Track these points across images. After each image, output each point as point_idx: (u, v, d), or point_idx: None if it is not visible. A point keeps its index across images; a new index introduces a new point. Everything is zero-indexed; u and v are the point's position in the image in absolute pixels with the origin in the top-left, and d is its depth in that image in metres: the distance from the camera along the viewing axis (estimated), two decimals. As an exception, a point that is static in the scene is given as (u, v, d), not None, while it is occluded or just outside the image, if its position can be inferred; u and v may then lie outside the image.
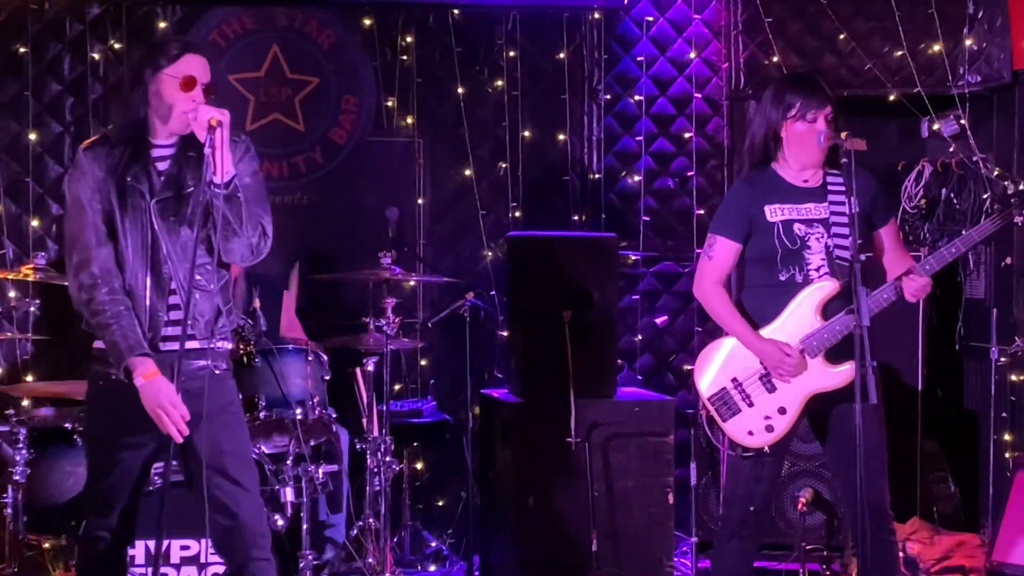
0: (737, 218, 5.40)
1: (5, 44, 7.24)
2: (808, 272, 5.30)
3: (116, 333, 4.65)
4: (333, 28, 7.57)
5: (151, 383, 4.61)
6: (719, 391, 5.45)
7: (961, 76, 7.75)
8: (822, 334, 5.24)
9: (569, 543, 6.61)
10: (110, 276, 4.71)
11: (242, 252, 4.74)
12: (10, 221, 7.25)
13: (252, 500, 4.89)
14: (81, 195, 4.75)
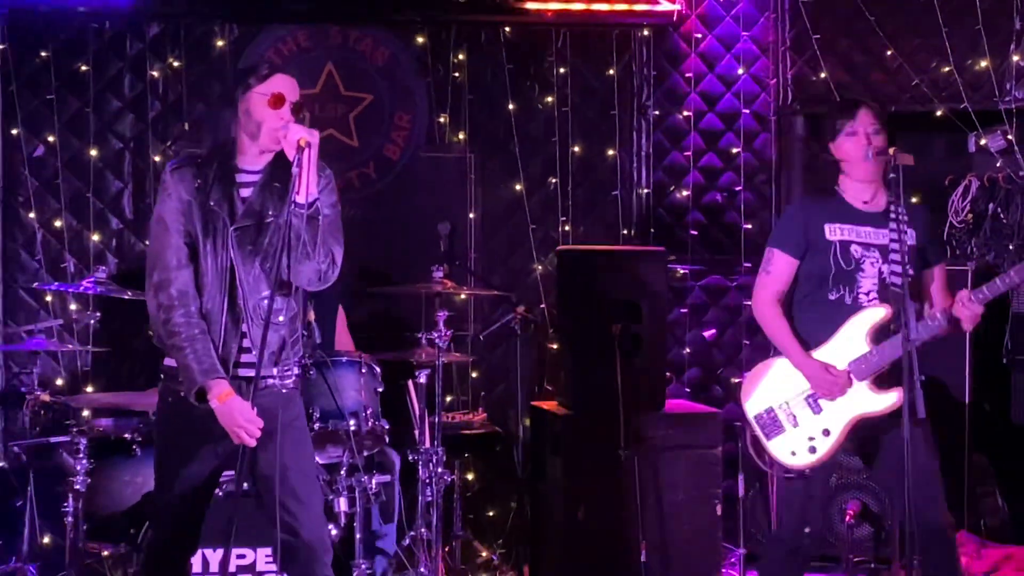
0: (797, 234, 5.39)
1: (67, 62, 7.29)
2: (857, 295, 5.28)
3: (190, 357, 4.69)
4: (387, 46, 7.60)
5: (227, 404, 4.66)
6: (765, 410, 5.46)
7: (1008, 92, 7.73)
8: (871, 359, 5.22)
9: (618, 554, 6.61)
10: (187, 299, 4.74)
11: (310, 276, 4.76)
12: (71, 235, 7.30)
13: (313, 517, 4.92)
14: (165, 215, 4.78)
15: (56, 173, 7.31)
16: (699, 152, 7.88)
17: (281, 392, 4.84)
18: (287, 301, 4.84)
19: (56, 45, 7.29)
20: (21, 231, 7.30)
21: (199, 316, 4.76)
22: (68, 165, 7.32)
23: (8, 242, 7.29)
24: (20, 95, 7.25)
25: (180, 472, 4.91)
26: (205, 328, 4.75)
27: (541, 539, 6.95)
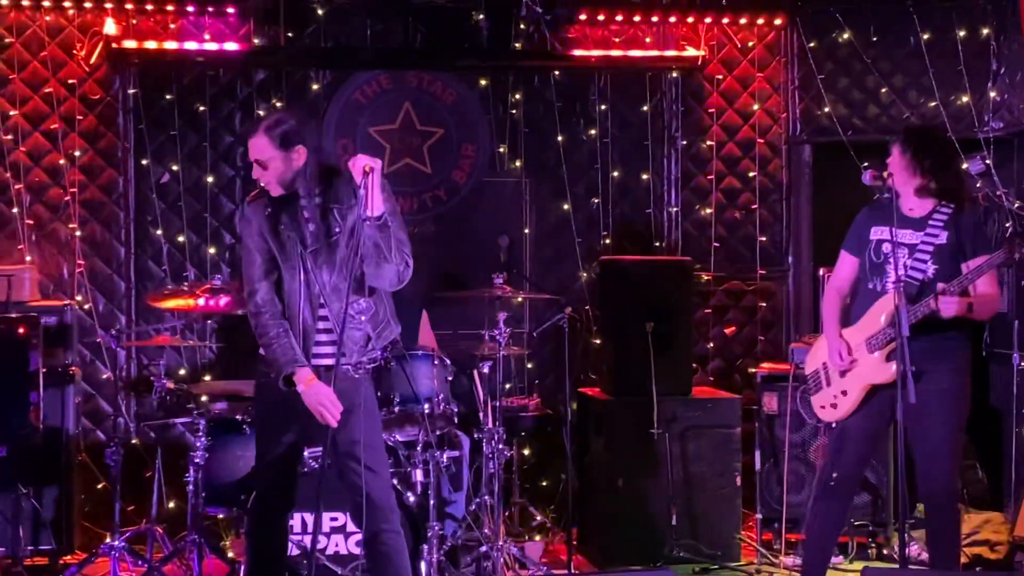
0: (855, 236, 5.56)
1: (188, 104, 7.33)
2: (886, 284, 5.34)
3: (277, 350, 4.78)
4: (455, 88, 7.61)
5: (311, 388, 4.72)
6: (814, 371, 5.66)
7: (986, 123, 7.69)
8: (882, 335, 5.32)
9: (652, 518, 6.63)
10: (271, 304, 4.83)
11: (390, 278, 4.81)
12: (192, 249, 7.34)
13: (381, 481, 4.95)
14: (247, 240, 4.90)
15: (179, 197, 7.34)
16: (720, 175, 7.86)
17: (354, 378, 4.90)
18: (368, 303, 4.89)
19: (179, 89, 7.32)
20: (150, 245, 7.34)
21: (282, 317, 4.84)
22: (189, 190, 7.36)
23: (139, 254, 7.33)
24: (149, 132, 7.30)
25: (272, 441, 5.00)
26: (288, 327, 4.83)
27: (587, 505, 6.97)
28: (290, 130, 4.83)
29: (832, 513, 5.56)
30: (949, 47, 7.72)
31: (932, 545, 5.39)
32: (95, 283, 7.28)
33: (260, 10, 7.31)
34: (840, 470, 5.47)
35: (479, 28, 7.54)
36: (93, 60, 7.21)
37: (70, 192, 7.23)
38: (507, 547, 6.27)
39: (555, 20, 7.55)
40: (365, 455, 4.86)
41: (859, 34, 7.75)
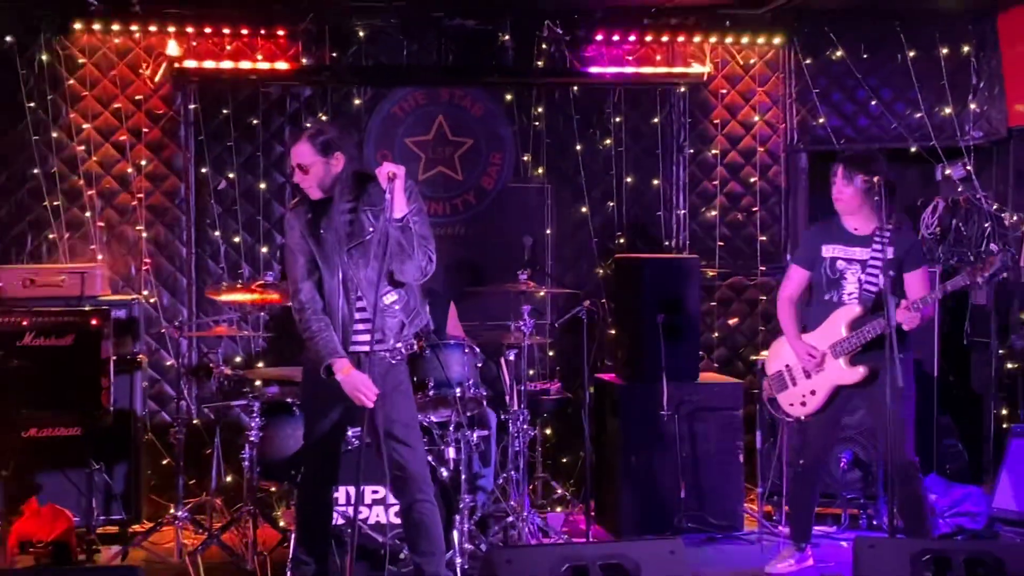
0: (807, 252, 5.76)
1: (243, 118, 7.37)
2: (843, 296, 5.60)
3: (319, 343, 4.84)
4: (483, 102, 7.64)
5: (349, 376, 4.79)
6: (777, 372, 5.85)
7: (967, 132, 7.72)
8: (846, 342, 5.52)
9: (662, 491, 6.66)
10: (313, 301, 4.89)
11: (414, 273, 4.87)
12: (246, 248, 7.39)
13: (416, 456, 5.01)
14: (290, 243, 4.97)
15: (234, 201, 7.38)
16: (724, 181, 7.88)
17: (389, 363, 4.96)
18: (400, 293, 4.96)
19: (234, 104, 7.36)
20: (209, 245, 7.39)
21: (323, 312, 4.90)
22: (243, 195, 7.39)
23: (199, 253, 7.39)
24: (208, 143, 7.35)
25: (318, 422, 5.07)
26: (329, 322, 4.89)
27: (603, 480, 7.01)
28: (330, 139, 4.90)
29: (806, 492, 5.91)
30: (933, 63, 7.75)
31: (902, 513, 5.52)
32: (160, 279, 7.34)
33: (307, 32, 7.34)
34: (806, 458, 5.80)
35: (505, 48, 7.57)
36: (157, 78, 7.25)
37: (137, 197, 7.29)
38: (531, 517, 6.33)
39: (574, 40, 7.58)
40: (402, 432, 4.93)
41: (851, 52, 7.76)
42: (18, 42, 7.11)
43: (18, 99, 7.13)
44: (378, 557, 5.45)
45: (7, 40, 7.10)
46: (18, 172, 7.19)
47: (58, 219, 7.19)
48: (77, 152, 7.22)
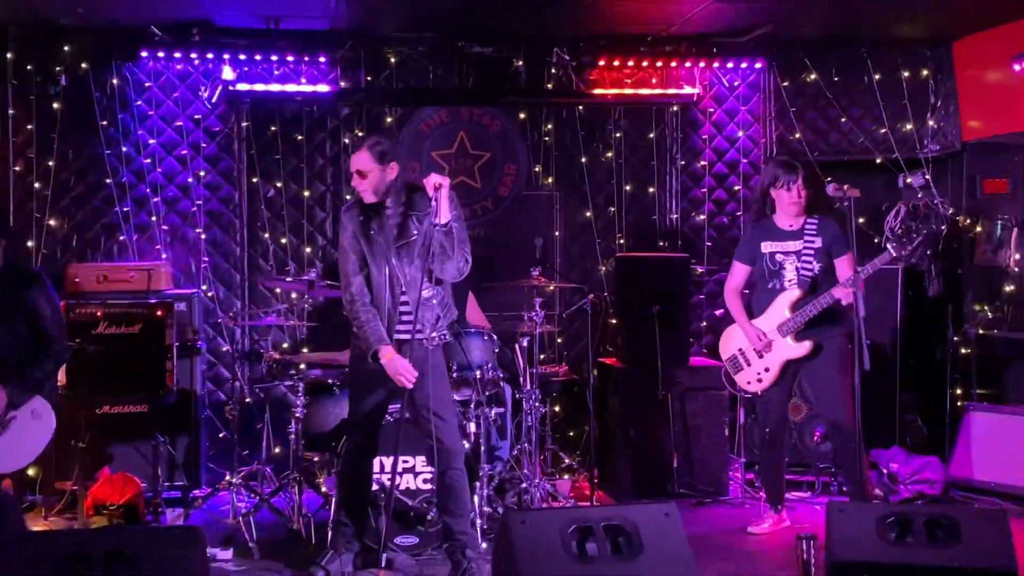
0: (747, 250, 5.89)
1: (289, 134, 7.36)
2: (784, 283, 5.75)
3: (367, 331, 4.86)
4: (499, 119, 7.63)
5: (392, 361, 4.81)
6: (731, 356, 5.97)
7: (926, 146, 7.72)
8: (790, 322, 5.68)
9: (657, 461, 6.67)
10: (362, 294, 4.91)
11: (453, 272, 4.89)
12: (292, 248, 7.40)
13: (451, 430, 5.03)
14: (344, 242, 4.98)
15: (282, 207, 7.38)
16: (712, 189, 7.86)
17: (428, 349, 4.97)
18: (437, 290, 4.97)
19: (282, 122, 7.37)
20: (259, 245, 7.40)
21: (371, 304, 4.91)
22: (289, 202, 7.40)
23: (251, 253, 7.40)
24: (258, 156, 7.35)
25: (362, 401, 5.07)
26: (376, 313, 4.90)
27: (605, 451, 7.01)
28: (386, 149, 4.94)
29: (776, 458, 5.97)
30: (896, 85, 7.75)
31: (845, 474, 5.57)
32: (216, 275, 7.35)
33: (345, 59, 7.35)
34: (771, 427, 5.89)
35: (519, 72, 7.57)
36: (214, 99, 7.26)
37: (196, 204, 7.30)
38: (542, 483, 6.35)
39: (579, 65, 7.57)
40: (439, 408, 4.96)
41: (823, 75, 7.75)
42: (93, 68, 7.14)
43: (93, 118, 7.15)
44: (409, 519, 5.48)
45: (83, 67, 7.13)
46: (93, 182, 7.21)
47: (128, 223, 7.21)
48: (144, 164, 7.24)
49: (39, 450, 5.03)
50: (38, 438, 5.00)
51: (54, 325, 5.07)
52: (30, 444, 4.98)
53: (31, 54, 7.06)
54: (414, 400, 4.96)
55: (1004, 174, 7.67)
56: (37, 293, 5.04)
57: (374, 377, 4.95)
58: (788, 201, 5.70)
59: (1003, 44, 7.05)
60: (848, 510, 4.49)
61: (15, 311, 4.97)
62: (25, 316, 5.00)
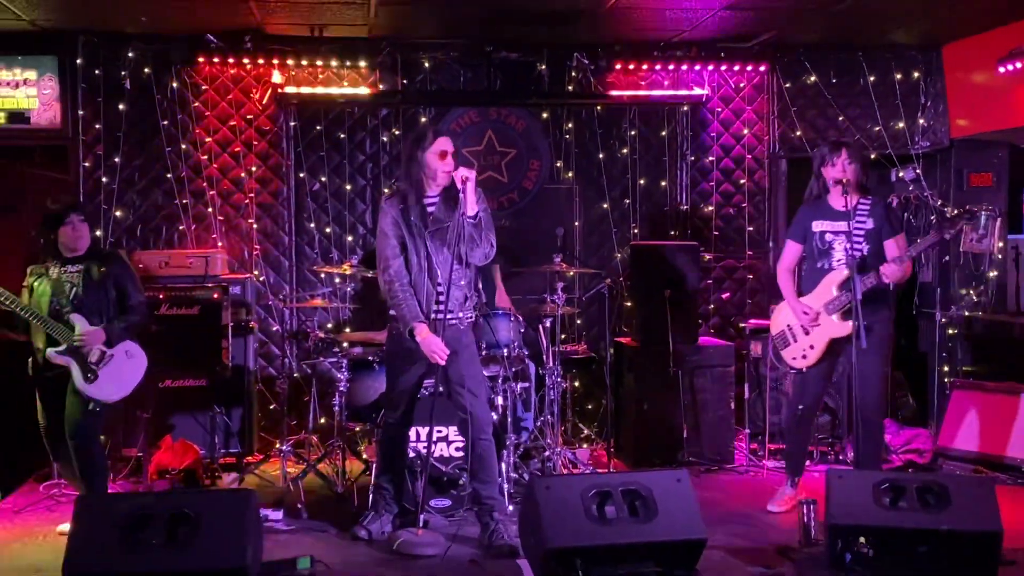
0: (799, 229, 5.57)
1: (332, 132, 7.37)
2: (832, 263, 5.42)
3: (403, 309, 4.85)
4: (524, 119, 7.61)
5: (427, 339, 4.81)
6: (780, 331, 5.65)
7: (916, 142, 7.66)
8: (837, 300, 5.35)
9: (668, 432, 6.65)
10: (401, 275, 4.89)
11: (480, 257, 4.88)
12: (335, 237, 7.40)
13: (481, 403, 5.03)
14: (384, 227, 4.95)
15: (326, 200, 7.39)
16: (719, 182, 7.81)
17: (460, 328, 4.97)
18: (466, 272, 4.96)
19: (326, 121, 7.37)
20: (305, 234, 7.40)
21: (409, 284, 4.90)
22: (333, 195, 7.40)
23: (298, 241, 7.40)
24: (304, 153, 7.36)
25: (400, 376, 5.08)
26: (413, 293, 4.90)
27: (621, 423, 7.01)
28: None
29: (804, 433, 5.71)
30: (889, 86, 7.69)
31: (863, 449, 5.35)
32: (267, 262, 7.37)
33: (383, 64, 7.34)
34: (805, 402, 5.58)
35: (542, 75, 7.54)
36: (264, 101, 7.28)
37: (248, 196, 7.32)
38: (563, 452, 6.35)
39: (597, 69, 7.53)
40: (470, 383, 4.96)
41: (822, 77, 7.69)
42: (154, 73, 7.16)
43: (154, 118, 7.18)
44: (443, 483, 5.49)
45: (145, 72, 7.15)
46: (155, 177, 7.24)
47: (186, 214, 7.24)
48: (201, 160, 7.26)
49: (134, 385, 5.30)
50: (133, 374, 5.30)
51: (135, 290, 5.33)
52: (127, 379, 5.27)
53: (99, 60, 7.09)
54: (447, 375, 4.97)
55: (988, 168, 7.61)
56: (120, 268, 5.31)
57: (410, 355, 4.96)
58: (833, 176, 5.35)
59: (989, 48, 7.00)
60: (846, 477, 4.48)
61: (106, 284, 5.22)
62: (112, 286, 5.24)
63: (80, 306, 5.15)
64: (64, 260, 5.21)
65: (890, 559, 4.25)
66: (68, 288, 5.16)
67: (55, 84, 7.07)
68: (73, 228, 5.18)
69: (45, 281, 5.19)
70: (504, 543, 4.83)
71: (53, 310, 5.13)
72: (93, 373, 5.12)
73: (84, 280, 5.18)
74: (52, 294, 5.15)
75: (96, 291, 5.20)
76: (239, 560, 3.87)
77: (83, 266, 5.21)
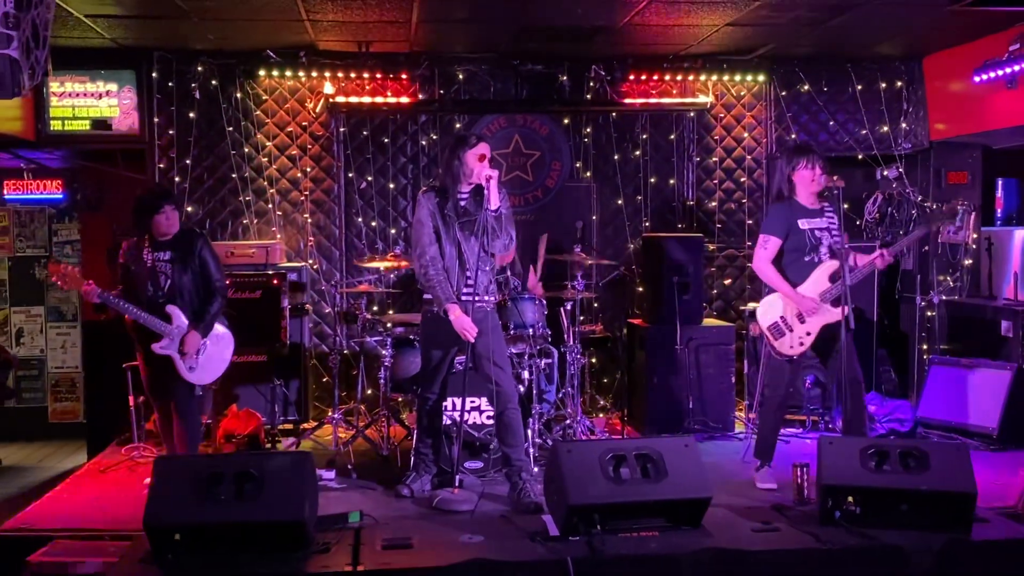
0: (782, 226, 5.25)
1: (377, 137, 7.38)
2: (821, 256, 5.24)
3: (438, 291, 4.86)
4: (547, 124, 7.59)
5: (459, 317, 4.81)
6: (774, 323, 5.32)
7: (899, 144, 7.59)
8: (830, 291, 5.19)
9: (675, 403, 6.64)
10: (436, 262, 4.90)
11: (500, 247, 4.89)
12: (380, 230, 7.42)
13: (507, 376, 5.03)
14: (421, 216, 4.95)
15: (372, 196, 7.40)
16: (722, 180, 7.76)
17: (487, 309, 4.97)
18: (490, 260, 4.98)
19: (372, 127, 7.38)
20: (354, 227, 7.42)
21: (442, 269, 4.91)
22: (378, 192, 7.41)
23: (348, 234, 7.42)
24: (352, 156, 7.38)
25: (433, 353, 5.09)
26: (446, 277, 4.90)
27: (633, 395, 7.00)
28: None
29: (780, 419, 5.47)
30: (874, 94, 7.62)
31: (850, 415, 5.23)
32: (320, 252, 7.39)
33: (422, 76, 7.34)
34: (790, 389, 5.38)
35: (563, 85, 7.51)
36: (317, 109, 7.30)
37: (303, 194, 7.34)
38: (582, 421, 6.35)
39: (613, 79, 7.49)
40: (498, 359, 4.96)
41: (814, 86, 7.62)
42: (220, 84, 7.20)
43: (220, 125, 7.22)
44: (476, 447, 5.51)
45: (212, 83, 7.19)
46: (221, 176, 7.28)
47: (249, 209, 7.28)
48: (262, 162, 7.30)
49: (227, 364, 5.33)
50: (225, 353, 5.33)
51: (217, 271, 5.28)
52: (220, 359, 5.30)
53: (171, 73, 7.13)
54: (477, 352, 4.97)
55: (964, 167, 7.55)
56: (204, 247, 5.25)
57: (442, 334, 4.97)
58: (811, 179, 5.17)
59: (965, 60, 6.92)
60: (836, 443, 4.45)
61: (193, 262, 5.18)
62: (198, 265, 5.21)
63: (173, 295, 5.10)
64: (156, 245, 5.14)
65: (875, 516, 4.23)
66: (163, 280, 5.11)
67: (133, 95, 7.13)
68: (166, 216, 5.13)
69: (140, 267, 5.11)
70: (531, 500, 4.84)
71: (149, 299, 5.07)
72: (195, 362, 5.13)
73: (175, 267, 5.12)
74: (149, 283, 5.09)
75: (186, 275, 5.14)
76: (298, 513, 3.91)
77: (173, 252, 5.14)
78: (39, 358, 8.88)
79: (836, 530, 4.19)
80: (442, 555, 3.95)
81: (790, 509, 4.67)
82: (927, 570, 3.97)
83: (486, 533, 4.28)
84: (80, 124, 7.12)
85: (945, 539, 4.06)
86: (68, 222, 8.82)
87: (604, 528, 4.04)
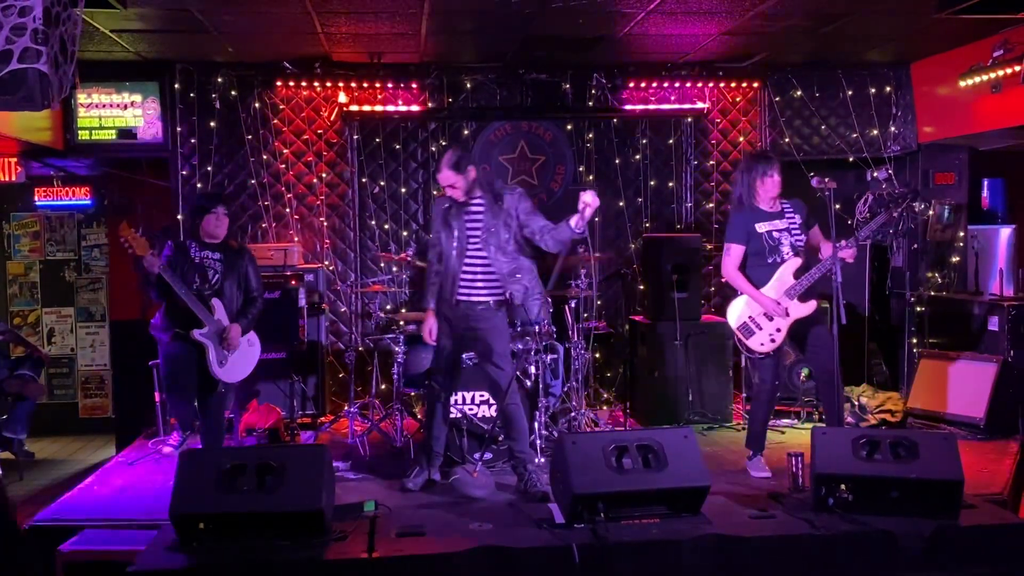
0: (742, 232, 5.26)
1: (389, 143, 7.39)
2: (783, 256, 5.22)
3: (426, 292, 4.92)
4: (551, 130, 7.58)
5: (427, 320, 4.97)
6: (742, 323, 5.32)
7: (889, 147, 7.57)
8: (795, 287, 5.19)
9: (676, 394, 6.64)
10: (433, 264, 4.96)
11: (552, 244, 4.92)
12: (392, 232, 7.43)
13: (505, 375, 5.00)
14: (434, 222, 4.97)
15: (384, 201, 7.40)
16: (718, 183, 7.74)
17: (489, 307, 4.96)
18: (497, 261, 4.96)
19: (384, 134, 7.39)
20: (367, 230, 7.43)
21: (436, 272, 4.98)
22: (390, 197, 7.42)
23: (361, 236, 7.43)
24: (366, 162, 7.38)
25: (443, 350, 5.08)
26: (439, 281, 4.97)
27: (635, 387, 7.00)
28: (460, 159, 4.90)
29: (771, 410, 5.46)
30: (865, 99, 7.59)
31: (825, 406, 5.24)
32: (336, 253, 7.41)
33: (432, 85, 7.34)
34: (777, 380, 5.40)
35: (566, 93, 7.50)
36: (332, 118, 7.31)
37: (319, 199, 7.36)
38: (587, 413, 6.35)
39: (614, 87, 7.49)
40: (497, 358, 4.95)
41: (807, 91, 7.60)
42: (239, 95, 7.21)
43: (240, 133, 7.23)
44: (483, 439, 5.51)
45: (232, 94, 7.20)
46: (241, 182, 7.30)
47: (268, 213, 7.29)
48: (279, 168, 7.31)
49: (252, 367, 5.39)
50: (252, 359, 5.39)
51: (257, 282, 5.35)
52: (248, 362, 5.35)
53: (193, 85, 7.15)
54: (478, 351, 4.99)
55: (951, 169, 7.52)
56: (250, 264, 5.32)
57: (446, 332, 4.98)
58: (772, 184, 5.20)
59: (952, 66, 6.90)
60: (829, 433, 4.44)
61: (238, 273, 5.24)
62: (243, 276, 5.27)
63: (219, 291, 5.15)
64: (203, 245, 5.17)
65: (867, 503, 4.22)
66: (211, 275, 5.14)
67: (157, 105, 7.15)
68: (217, 218, 5.15)
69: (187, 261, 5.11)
70: (537, 490, 4.85)
71: (196, 291, 5.08)
72: (225, 359, 5.16)
73: (224, 267, 5.17)
74: (196, 276, 5.10)
75: (230, 279, 5.18)
76: (316, 503, 3.92)
77: (222, 254, 5.17)
78: (69, 356, 8.93)
79: (830, 516, 4.18)
80: (453, 542, 3.95)
81: (786, 496, 4.66)
82: (917, 554, 3.97)
83: (495, 521, 4.28)
84: (106, 134, 7.14)
85: (934, 525, 4.05)
86: (96, 227, 8.86)
87: (607, 516, 4.04)
